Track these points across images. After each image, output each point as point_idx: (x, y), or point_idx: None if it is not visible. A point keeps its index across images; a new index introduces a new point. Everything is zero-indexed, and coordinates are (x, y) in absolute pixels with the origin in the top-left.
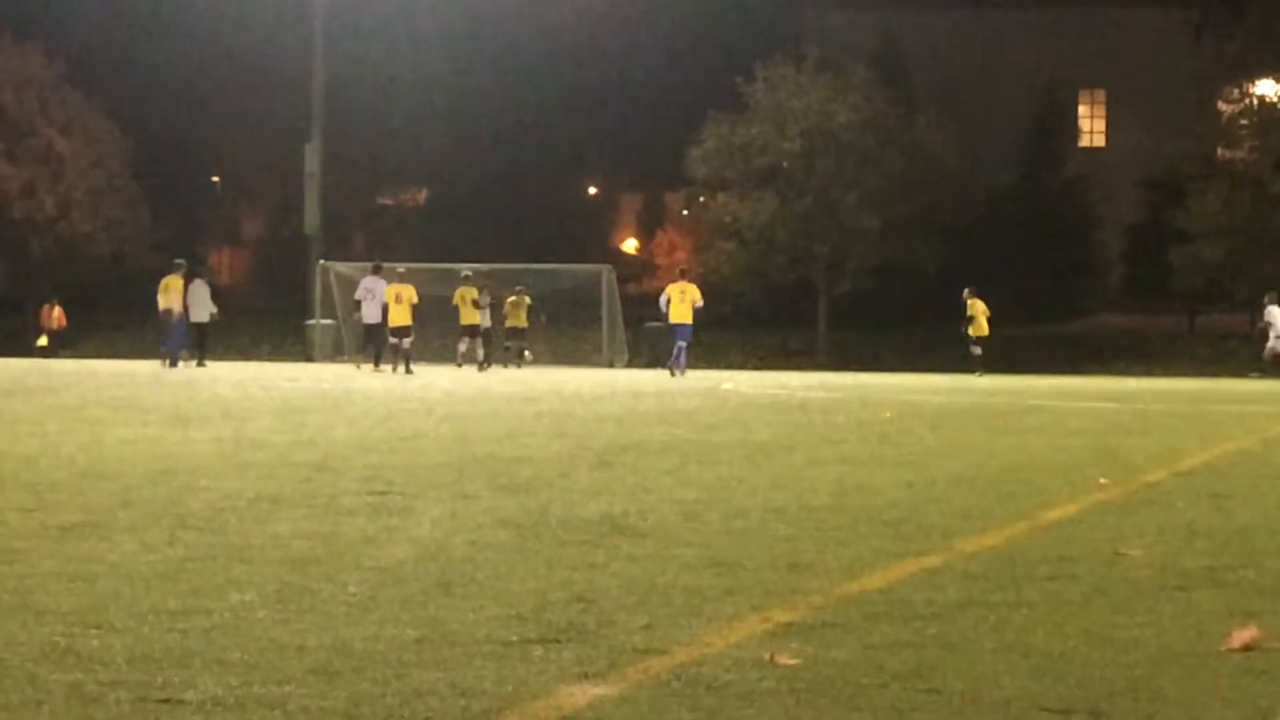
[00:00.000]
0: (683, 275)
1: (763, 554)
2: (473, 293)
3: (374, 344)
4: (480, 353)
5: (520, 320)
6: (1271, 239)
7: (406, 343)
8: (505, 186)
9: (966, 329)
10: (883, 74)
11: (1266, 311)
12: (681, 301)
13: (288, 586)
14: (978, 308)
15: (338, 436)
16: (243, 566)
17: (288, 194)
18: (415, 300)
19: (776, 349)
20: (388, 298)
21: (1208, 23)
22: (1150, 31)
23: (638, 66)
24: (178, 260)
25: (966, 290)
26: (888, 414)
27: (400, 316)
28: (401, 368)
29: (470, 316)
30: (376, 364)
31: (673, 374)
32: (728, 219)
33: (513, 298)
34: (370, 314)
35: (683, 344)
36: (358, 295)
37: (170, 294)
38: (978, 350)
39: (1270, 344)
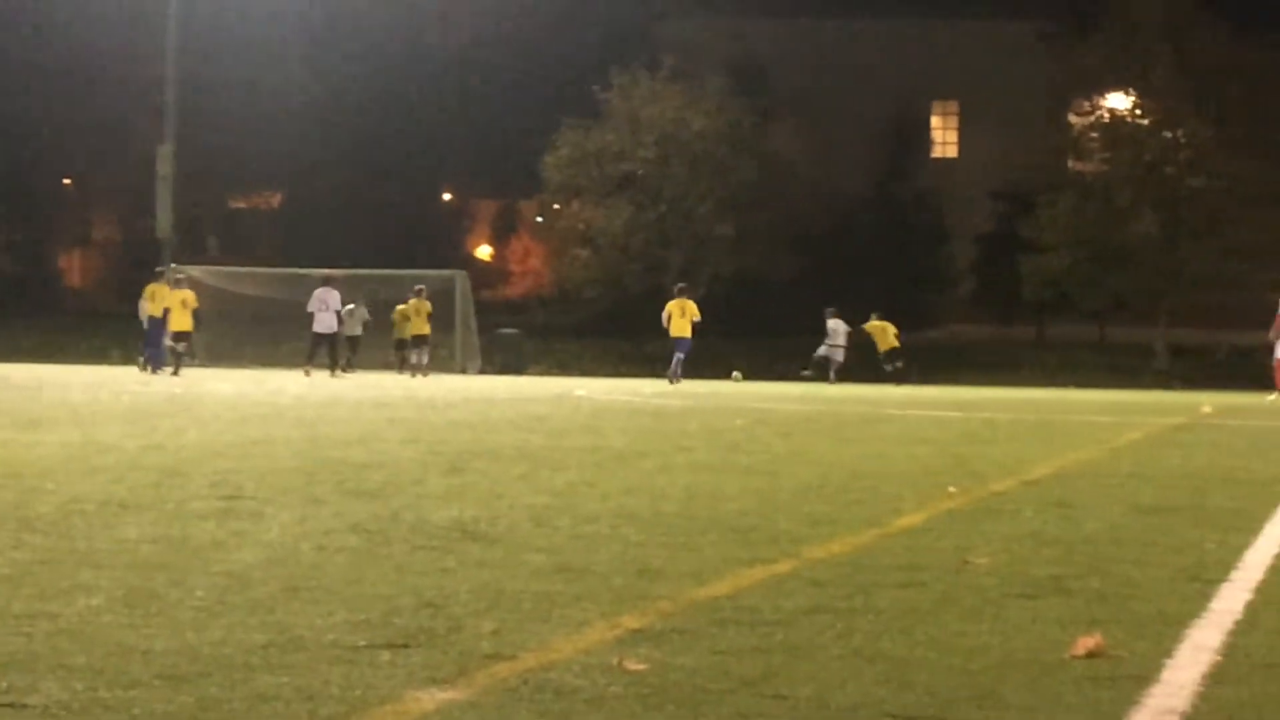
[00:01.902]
0: (681, 293)
1: (612, 560)
2: (427, 306)
3: (327, 352)
4: (425, 360)
5: (423, 327)
6: (1118, 251)
7: (183, 346)
8: (361, 191)
9: (830, 349)
10: (738, 83)
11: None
12: (681, 317)
13: (135, 591)
14: (875, 327)
15: (188, 441)
16: (90, 571)
17: (140, 196)
18: (196, 305)
19: (630, 356)
20: (172, 302)
21: (1060, 36)
22: (1003, 44)
23: (495, 73)
24: (159, 269)
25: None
26: (739, 421)
27: (182, 322)
28: (170, 371)
29: (421, 327)
30: (333, 370)
31: (671, 382)
32: (582, 226)
33: (413, 302)
34: (324, 324)
35: (680, 355)
36: (311, 307)
37: (156, 302)
38: (897, 364)
39: (823, 351)
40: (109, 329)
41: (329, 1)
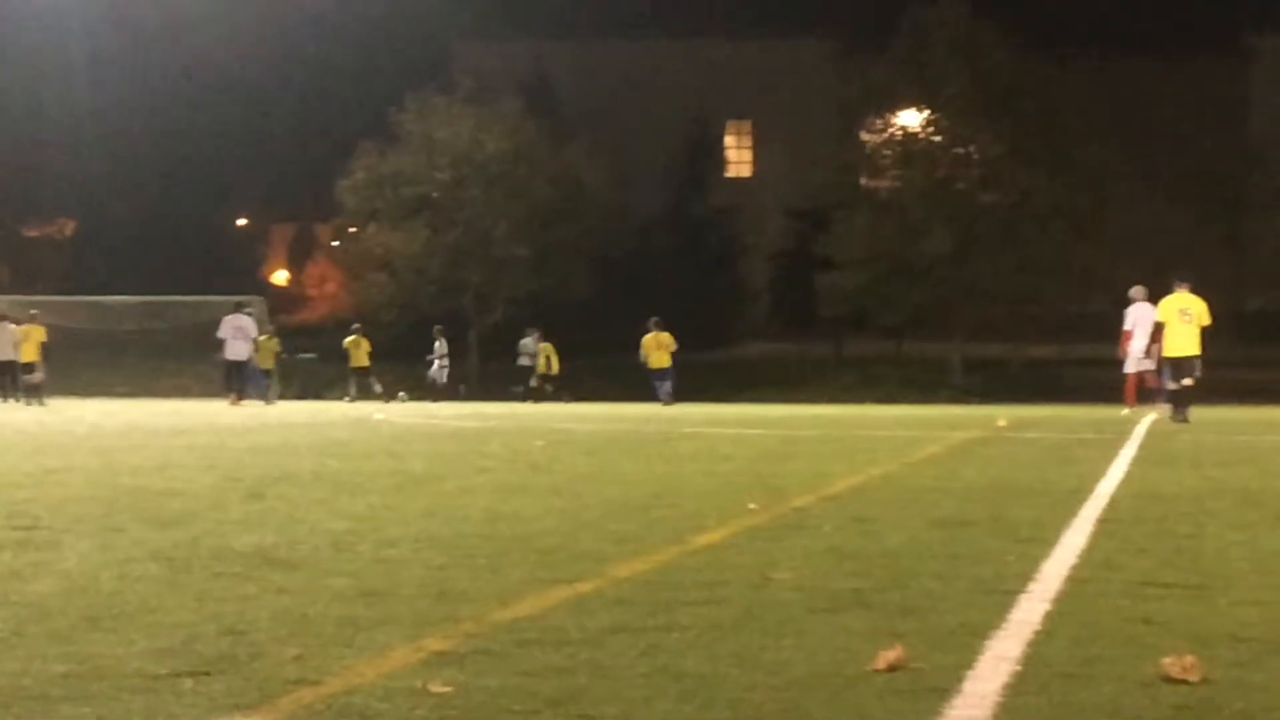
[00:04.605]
0: (656, 325)
1: (415, 583)
2: (368, 344)
3: (238, 380)
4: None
5: (362, 360)
6: (913, 266)
7: (37, 377)
8: (155, 217)
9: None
10: (532, 104)
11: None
12: (659, 349)
13: None
14: (547, 349)
15: None
16: None
17: None
18: (44, 339)
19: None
20: (20, 336)
21: (851, 52)
22: (795, 63)
23: (290, 96)
24: (248, 307)
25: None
26: (540, 442)
27: (31, 353)
28: (35, 402)
29: (361, 360)
30: (239, 398)
31: (666, 404)
32: (378, 250)
33: (351, 338)
34: (236, 351)
35: (667, 384)
36: (221, 334)
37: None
38: (532, 384)
39: (432, 373)
40: None
41: (117, 25)
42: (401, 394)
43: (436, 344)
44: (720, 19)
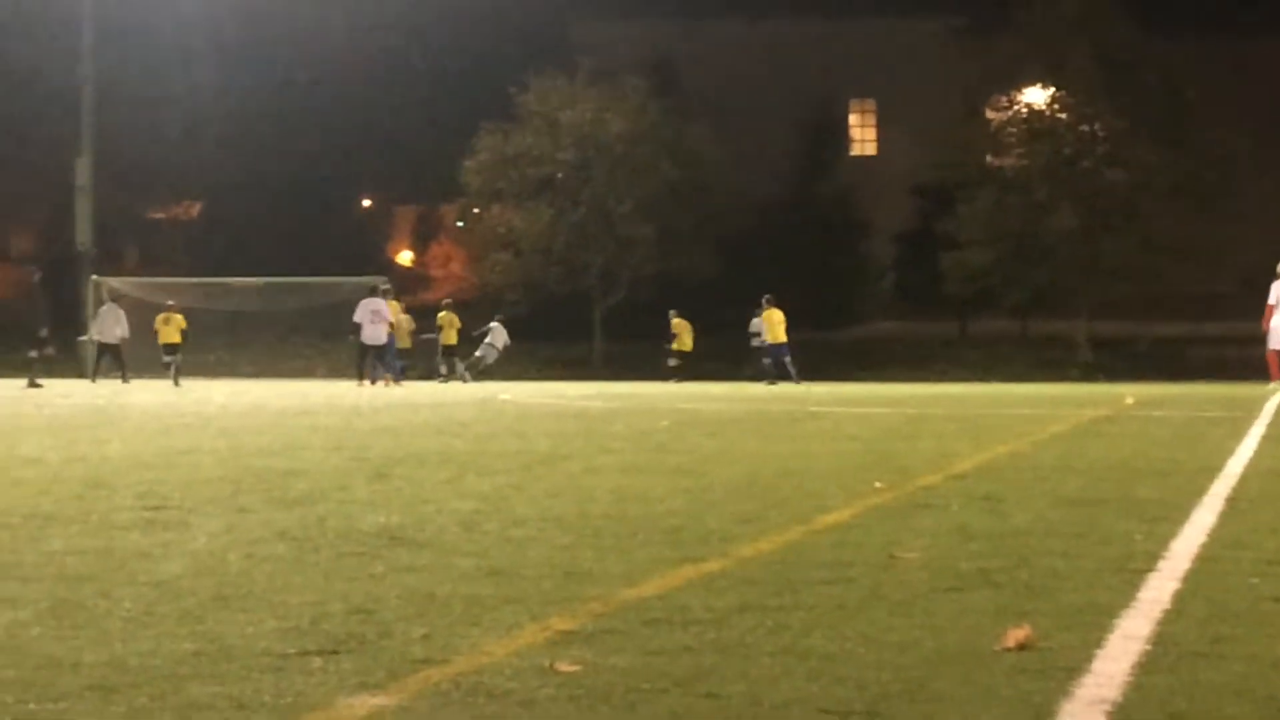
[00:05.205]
0: (768, 303)
1: (541, 563)
2: (458, 322)
3: (372, 363)
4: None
5: (451, 338)
6: (1038, 245)
7: (175, 359)
8: (279, 199)
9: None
10: (655, 84)
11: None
12: (777, 325)
13: (62, 603)
14: (682, 326)
15: (112, 452)
16: (16, 584)
17: (58, 208)
18: (184, 325)
19: (553, 360)
20: (157, 323)
21: (975, 31)
22: (918, 40)
23: (411, 77)
24: (384, 287)
25: (673, 311)
26: (665, 422)
27: (170, 336)
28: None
29: (450, 339)
30: (368, 380)
31: (797, 383)
32: (502, 230)
33: (443, 314)
34: (374, 335)
35: (787, 359)
36: (358, 317)
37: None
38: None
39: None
40: (30, 342)
41: (238, 8)
42: (465, 374)
43: (492, 325)
44: None
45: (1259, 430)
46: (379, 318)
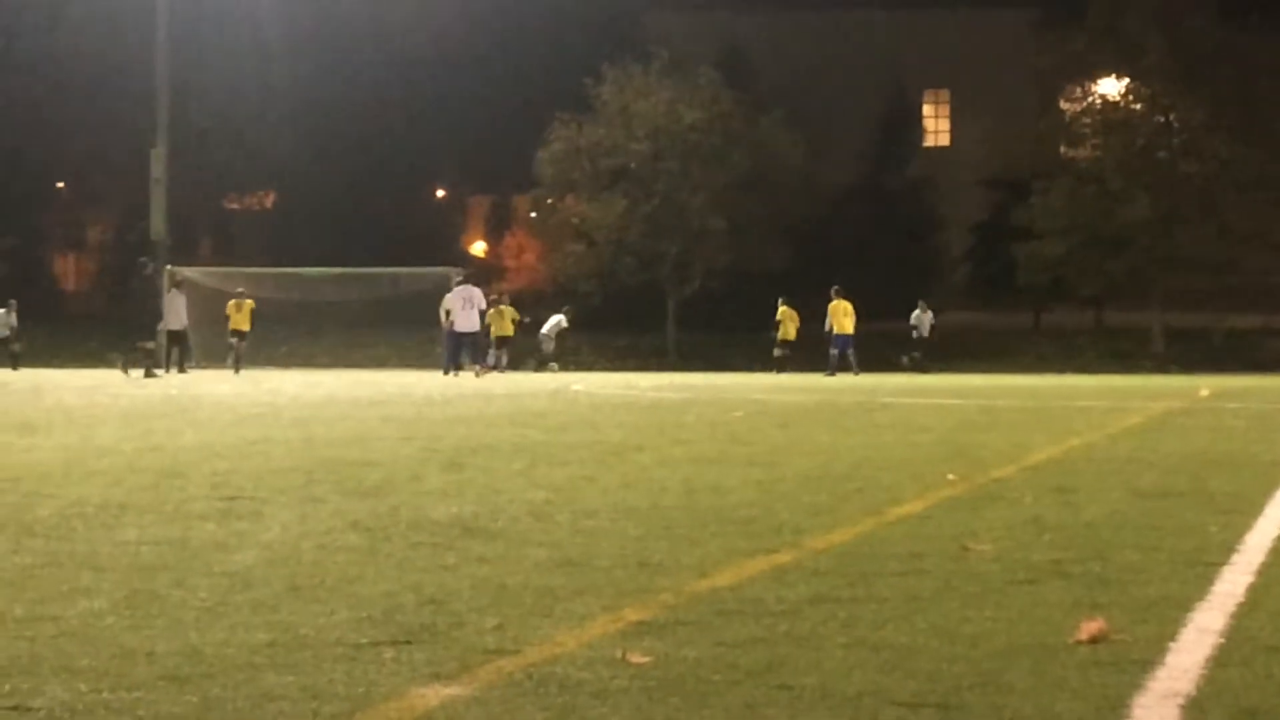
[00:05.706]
0: (837, 294)
1: (613, 553)
2: (514, 313)
3: (469, 351)
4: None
5: (506, 329)
6: (1112, 236)
7: (242, 346)
8: (353, 190)
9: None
10: (728, 75)
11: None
12: (845, 316)
13: (137, 592)
14: (789, 315)
15: (185, 442)
16: (91, 573)
17: (133, 199)
18: (254, 306)
19: (626, 351)
20: (229, 309)
21: (1050, 22)
22: (993, 31)
23: (484, 69)
24: (457, 279)
25: (781, 299)
26: (737, 413)
27: (241, 323)
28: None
29: (505, 329)
30: (468, 368)
31: (855, 373)
32: (576, 221)
33: (499, 308)
34: (467, 323)
35: (850, 351)
36: (449, 305)
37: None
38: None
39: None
40: (104, 332)
41: (313, 2)
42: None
43: (558, 317)
44: None
45: None
46: (471, 305)
